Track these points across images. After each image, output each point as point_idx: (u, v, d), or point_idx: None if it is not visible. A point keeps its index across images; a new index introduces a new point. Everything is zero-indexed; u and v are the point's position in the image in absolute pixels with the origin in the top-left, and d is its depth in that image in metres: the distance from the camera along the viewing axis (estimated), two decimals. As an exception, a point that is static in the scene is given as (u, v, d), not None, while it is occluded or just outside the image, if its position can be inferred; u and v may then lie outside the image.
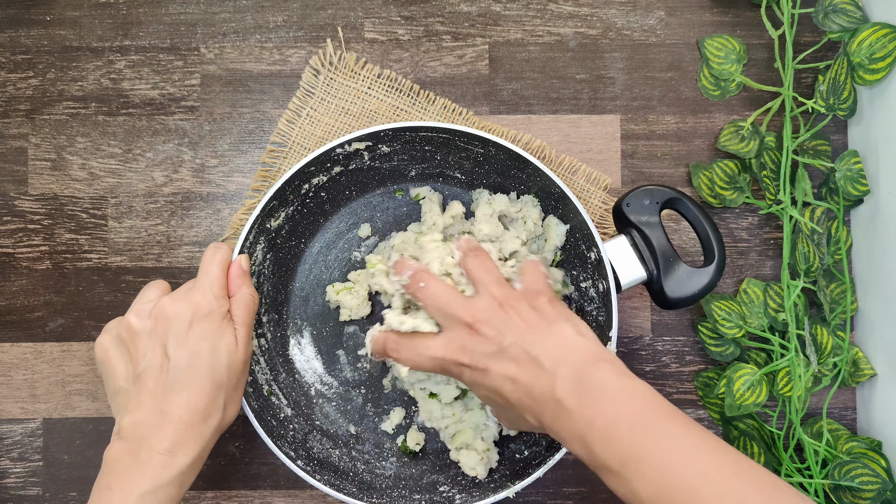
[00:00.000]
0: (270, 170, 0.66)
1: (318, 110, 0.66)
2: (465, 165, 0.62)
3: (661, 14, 0.68)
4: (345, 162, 0.61)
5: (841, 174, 0.64)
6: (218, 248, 0.56)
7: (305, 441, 0.61)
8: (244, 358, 0.54)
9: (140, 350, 0.52)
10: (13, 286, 0.66)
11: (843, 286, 0.65)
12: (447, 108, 0.66)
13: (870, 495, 0.60)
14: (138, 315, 0.53)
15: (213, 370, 0.52)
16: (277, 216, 0.60)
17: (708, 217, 0.58)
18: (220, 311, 0.53)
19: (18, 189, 0.66)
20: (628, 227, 0.58)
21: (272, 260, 0.62)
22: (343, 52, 0.67)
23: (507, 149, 0.58)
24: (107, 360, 0.53)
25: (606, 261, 0.57)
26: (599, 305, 0.59)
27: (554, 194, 0.59)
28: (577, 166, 0.67)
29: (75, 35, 0.67)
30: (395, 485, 0.61)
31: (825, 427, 0.63)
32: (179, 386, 0.51)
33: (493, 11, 0.67)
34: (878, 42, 0.61)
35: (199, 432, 0.51)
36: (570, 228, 0.60)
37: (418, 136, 0.60)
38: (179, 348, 0.51)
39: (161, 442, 0.50)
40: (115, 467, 0.50)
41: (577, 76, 0.67)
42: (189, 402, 0.51)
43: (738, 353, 0.65)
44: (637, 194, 0.58)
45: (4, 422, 0.65)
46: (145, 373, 0.51)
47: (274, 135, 0.66)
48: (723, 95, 0.67)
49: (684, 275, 0.57)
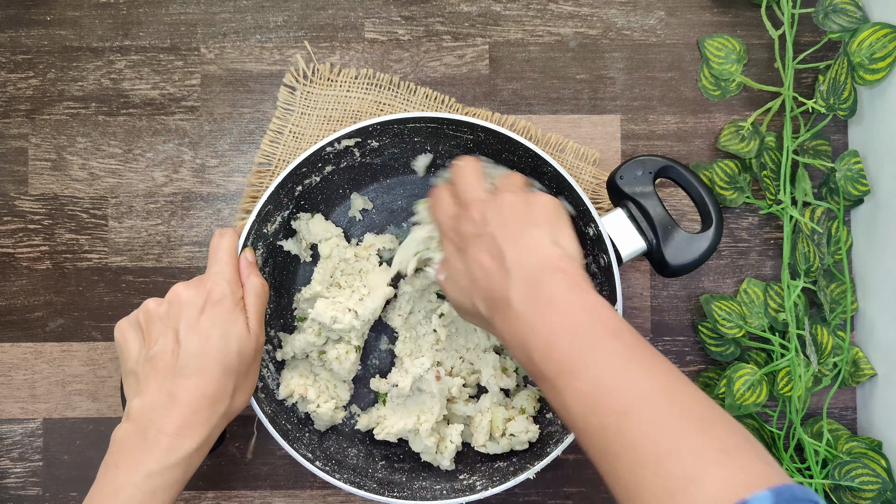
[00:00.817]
0: (259, 189, 0.66)
1: (300, 125, 0.66)
2: (455, 154, 0.62)
3: (661, 14, 0.68)
4: (336, 160, 0.61)
5: (841, 174, 0.64)
6: (223, 233, 0.56)
7: (322, 442, 0.61)
8: (255, 346, 0.54)
9: (154, 334, 0.52)
10: (13, 286, 0.66)
11: (843, 286, 0.65)
12: (429, 96, 0.66)
13: (870, 495, 0.60)
14: (155, 300, 0.54)
15: (222, 356, 0.52)
16: (273, 220, 0.60)
17: (702, 182, 0.58)
18: (232, 297, 0.54)
19: (19, 189, 0.66)
20: (624, 199, 0.58)
21: (273, 265, 0.62)
22: (315, 64, 0.66)
23: (497, 133, 0.58)
24: (123, 342, 0.54)
25: (605, 235, 0.57)
26: (602, 280, 0.59)
27: (546, 174, 0.59)
28: (565, 143, 0.67)
29: (75, 35, 0.67)
30: (415, 477, 0.61)
31: (825, 427, 0.63)
32: (189, 370, 0.51)
33: (494, 11, 0.67)
34: (878, 42, 0.61)
35: (206, 417, 0.51)
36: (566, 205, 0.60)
37: (406, 128, 0.60)
38: (190, 333, 0.52)
39: (168, 424, 0.50)
40: (122, 447, 0.50)
41: (578, 76, 0.67)
42: (197, 387, 0.51)
43: (738, 353, 0.65)
44: (629, 166, 0.58)
45: (4, 422, 0.65)
46: (156, 356, 0.52)
47: (258, 156, 0.66)
48: (723, 95, 0.67)
49: (684, 241, 0.57)
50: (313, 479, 0.65)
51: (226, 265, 0.55)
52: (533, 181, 0.58)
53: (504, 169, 0.57)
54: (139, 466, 0.49)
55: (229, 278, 0.54)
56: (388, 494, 0.57)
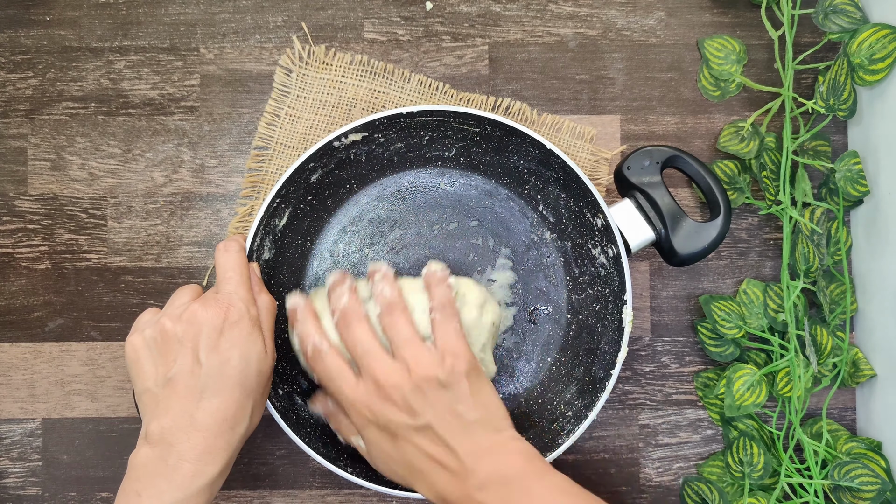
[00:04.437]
0: (259, 174, 0.66)
1: (296, 108, 0.66)
2: (460, 147, 0.62)
3: (661, 14, 0.68)
4: (343, 154, 0.61)
5: (841, 175, 0.64)
6: (228, 248, 0.55)
7: (333, 436, 0.61)
8: (272, 364, 0.54)
9: (171, 354, 0.51)
10: (12, 286, 0.66)
11: (842, 287, 0.65)
12: (423, 83, 0.66)
13: (869, 496, 0.60)
14: (171, 319, 0.52)
15: (243, 377, 0.51)
16: (282, 215, 0.60)
17: (710, 171, 0.58)
18: (249, 316, 0.53)
19: (18, 189, 0.66)
20: (631, 189, 0.58)
21: (280, 260, 0.62)
22: (311, 47, 0.66)
23: (504, 125, 0.58)
24: (136, 360, 0.52)
25: (614, 225, 0.57)
26: (611, 271, 0.59)
27: (553, 165, 0.59)
28: (561, 123, 0.67)
29: (75, 35, 0.67)
30: None
31: (825, 427, 0.63)
32: (210, 392, 0.50)
33: (493, 12, 0.67)
34: (878, 43, 0.61)
35: (227, 440, 0.51)
36: (574, 197, 0.61)
37: (413, 122, 0.60)
38: (211, 354, 0.51)
39: (190, 450, 0.49)
40: (142, 473, 0.49)
41: (577, 77, 0.67)
42: (219, 410, 0.50)
43: (737, 354, 0.65)
44: (636, 156, 0.58)
45: (4, 422, 0.65)
46: (176, 377, 0.50)
47: (256, 139, 0.66)
48: (723, 96, 0.67)
49: (693, 230, 0.57)
50: (312, 479, 0.65)
51: (238, 285, 0.54)
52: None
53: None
54: (163, 495, 0.48)
55: (244, 297, 0.53)
56: (401, 488, 0.57)
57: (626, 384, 0.67)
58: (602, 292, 0.61)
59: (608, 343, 0.60)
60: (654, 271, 0.67)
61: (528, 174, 0.63)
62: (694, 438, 0.66)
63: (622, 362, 0.58)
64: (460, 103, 0.66)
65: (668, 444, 0.66)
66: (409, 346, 0.51)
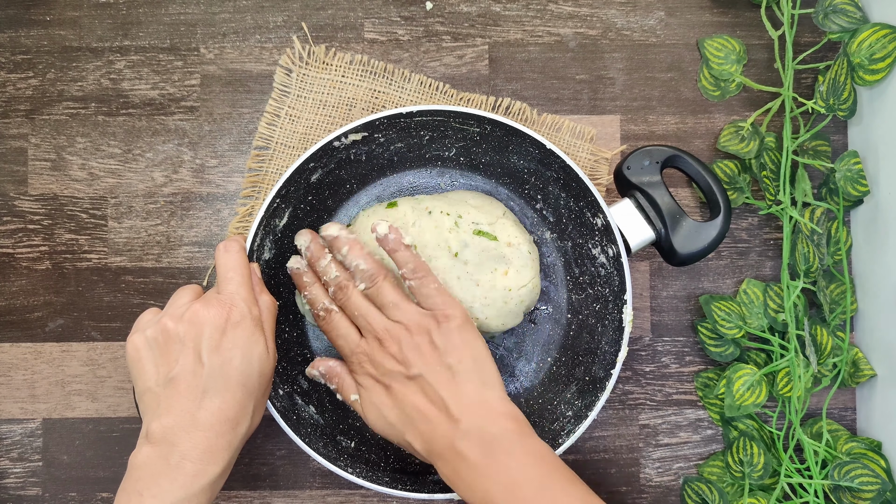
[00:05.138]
0: (259, 174, 0.66)
1: (297, 108, 0.66)
2: (460, 146, 0.62)
3: (661, 14, 0.68)
4: (343, 154, 0.61)
5: (841, 175, 0.64)
6: (229, 248, 0.55)
7: (334, 436, 0.61)
8: (273, 365, 0.54)
9: (172, 354, 0.51)
10: (13, 286, 0.66)
11: (842, 287, 0.65)
12: (423, 83, 0.66)
13: (869, 496, 0.60)
14: (173, 319, 0.52)
15: (245, 377, 0.52)
16: (282, 215, 0.60)
17: (710, 171, 0.58)
18: (251, 316, 0.53)
19: (18, 189, 0.66)
20: (631, 189, 0.59)
21: (281, 260, 0.62)
22: (311, 47, 0.66)
23: (504, 125, 0.58)
24: (137, 360, 0.52)
25: (614, 225, 0.57)
26: (611, 271, 0.59)
27: (554, 165, 0.59)
28: (561, 122, 0.67)
29: (75, 35, 0.67)
30: (428, 469, 0.61)
31: (825, 427, 0.63)
32: (212, 392, 0.50)
33: (493, 12, 0.67)
34: (878, 42, 0.61)
35: (229, 440, 0.51)
36: (574, 197, 0.61)
37: (413, 122, 0.60)
38: (213, 354, 0.51)
39: (192, 450, 0.49)
40: (144, 472, 0.49)
41: (577, 76, 0.67)
42: (220, 410, 0.50)
43: (737, 354, 0.65)
44: (636, 156, 0.59)
45: (4, 422, 0.65)
46: (178, 377, 0.51)
47: (256, 139, 0.66)
48: (723, 96, 0.67)
49: (693, 230, 0.58)
50: (313, 480, 0.65)
51: (240, 285, 0.54)
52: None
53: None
54: (165, 494, 0.48)
55: (245, 297, 0.53)
56: (402, 488, 0.57)
57: (626, 384, 0.67)
58: (602, 292, 0.61)
59: (608, 343, 0.60)
60: (654, 271, 0.67)
61: (528, 174, 0.63)
62: (694, 438, 0.66)
63: (622, 362, 0.58)
64: (460, 103, 0.66)
65: (668, 444, 0.66)
66: (399, 308, 0.54)
